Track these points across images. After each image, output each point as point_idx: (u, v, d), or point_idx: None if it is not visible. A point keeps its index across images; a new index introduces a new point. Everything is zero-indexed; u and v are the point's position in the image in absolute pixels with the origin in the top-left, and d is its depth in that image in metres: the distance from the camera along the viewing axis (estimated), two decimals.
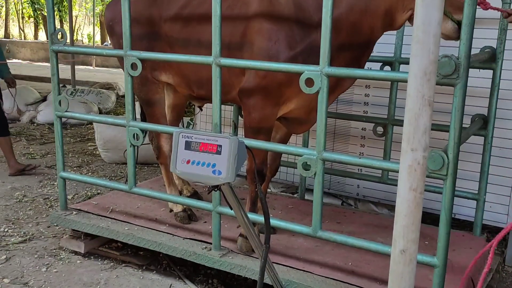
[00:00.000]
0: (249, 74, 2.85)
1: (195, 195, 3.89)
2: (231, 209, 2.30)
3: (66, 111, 3.41)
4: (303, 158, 2.60)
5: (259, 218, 2.78)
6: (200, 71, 3.10)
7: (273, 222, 2.80)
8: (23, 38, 32.50)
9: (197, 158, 2.09)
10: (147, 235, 3.26)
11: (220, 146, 2.05)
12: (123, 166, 5.83)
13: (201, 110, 3.95)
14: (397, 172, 2.55)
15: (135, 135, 3.13)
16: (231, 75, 2.96)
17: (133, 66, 3.02)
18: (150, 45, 3.28)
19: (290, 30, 2.73)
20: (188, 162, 2.11)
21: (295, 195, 4.37)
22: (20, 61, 22.26)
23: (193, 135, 2.12)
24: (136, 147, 3.22)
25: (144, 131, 3.14)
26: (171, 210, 3.60)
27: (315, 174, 2.60)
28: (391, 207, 4.16)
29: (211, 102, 2.84)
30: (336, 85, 2.75)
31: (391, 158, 3.69)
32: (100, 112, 8.54)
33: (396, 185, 3.60)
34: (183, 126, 5.86)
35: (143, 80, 3.40)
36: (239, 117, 4.18)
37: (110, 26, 3.51)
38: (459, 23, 2.33)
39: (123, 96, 11.42)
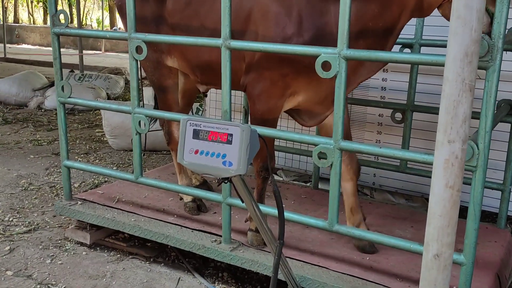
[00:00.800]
0: (250, 64, 2.66)
1: (204, 184, 3.75)
2: (242, 202, 2.15)
3: (70, 97, 3.26)
4: (319, 147, 2.43)
5: (272, 210, 2.62)
6: (201, 55, 2.93)
7: (286, 214, 2.64)
8: (32, 23, 32.45)
9: (206, 148, 1.93)
10: (154, 227, 3.12)
11: (231, 135, 1.89)
12: (131, 153, 5.68)
13: (205, 96, 3.78)
14: (429, 164, 2.39)
15: (141, 122, 2.98)
16: (234, 60, 2.76)
17: (138, 50, 2.86)
18: (157, 28, 3.11)
19: (300, 14, 2.50)
20: (196, 152, 1.96)
21: (308, 184, 4.21)
22: (29, 46, 22.18)
23: (202, 122, 1.96)
24: (142, 134, 3.07)
25: (150, 118, 2.98)
26: (181, 198, 3.46)
27: (331, 164, 2.43)
28: (409, 197, 3.99)
29: (215, 88, 2.68)
30: (355, 73, 2.55)
31: (410, 146, 3.51)
32: (109, 98, 8.40)
33: (415, 174, 3.45)
34: (192, 113, 5.71)
35: (156, 64, 3.23)
36: None
37: (119, 7, 3.34)
38: (492, 16, 2.08)
39: None
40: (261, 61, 2.60)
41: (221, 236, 2.94)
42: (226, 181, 1.98)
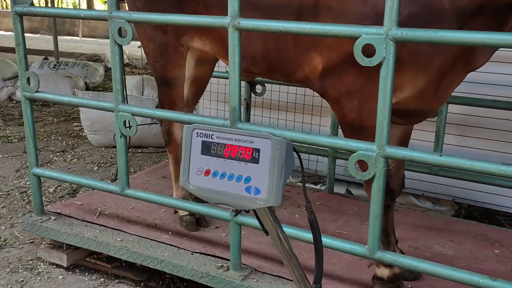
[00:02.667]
0: (329, 53, 2.04)
1: None
2: (267, 234, 1.60)
3: (38, 91, 2.67)
4: (358, 154, 1.90)
5: (305, 234, 2.10)
6: (253, 43, 2.30)
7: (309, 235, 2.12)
8: (5, 7, 31.14)
9: (221, 167, 1.38)
10: (145, 249, 2.57)
11: (257, 150, 1.33)
12: (114, 150, 5.09)
13: (252, 85, 3.14)
14: (508, 177, 1.88)
15: (127, 122, 2.41)
16: (297, 51, 2.18)
17: (121, 32, 2.28)
18: (180, 6, 2.50)
19: None
20: (207, 173, 1.40)
21: (320, 187, 3.68)
22: (2, 32, 21.21)
23: (214, 132, 1.40)
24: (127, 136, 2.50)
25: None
26: (176, 211, 2.91)
27: (374, 176, 1.90)
28: (436, 200, 3.49)
29: (265, 77, 2.09)
30: (466, 61, 1.99)
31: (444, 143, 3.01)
32: (87, 88, 7.74)
33: (445, 176, 2.92)
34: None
35: (163, 48, 2.62)
36: (252, 94, 3.46)
37: None
38: None
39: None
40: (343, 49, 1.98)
41: (228, 260, 2.41)
42: (247, 211, 1.45)
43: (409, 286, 2.31)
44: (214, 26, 2.11)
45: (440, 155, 1.80)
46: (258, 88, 3.44)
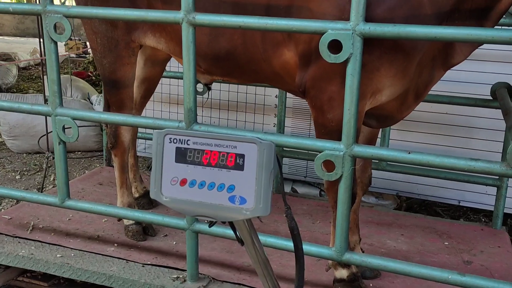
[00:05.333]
0: (308, 52, 1.92)
1: (145, 196, 3.01)
2: (242, 244, 1.49)
3: None
4: (325, 154, 1.84)
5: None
6: (217, 39, 2.15)
7: (272, 240, 2.04)
8: None
9: (199, 176, 1.25)
10: (90, 264, 2.36)
11: (242, 156, 1.22)
12: (38, 156, 4.73)
13: (210, 89, 2.94)
14: (475, 173, 1.88)
15: (66, 127, 2.19)
16: (266, 45, 2.04)
17: (57, 27, 2.06)
18: (132, 2, 2.29)
19: None
20: (183, 183, 1.27)
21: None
22: None
23: (190, 137, 1.27)
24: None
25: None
26: (120, 219, 2.71)
27: (341, 176, 1.85)
28: (379, 195, 3.54)
29: (226, 80, 1.96)
30: (444, 58, 1.94)
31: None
32: (0, 90, 7.16)
33: (397, 172, 2.96)
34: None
35: (112, 43, 2.39)
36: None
37: None
38: None
39: (25, 69, 9.93)
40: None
41: (183, 270, 2.27)
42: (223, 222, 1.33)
43: (371, 284, 2.29)
44: (167, 22, 1.96)
45: (409, 153, 1.78)
46: (199, 87, 3.29)
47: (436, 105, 3.08)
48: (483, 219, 3.49)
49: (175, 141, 1.28)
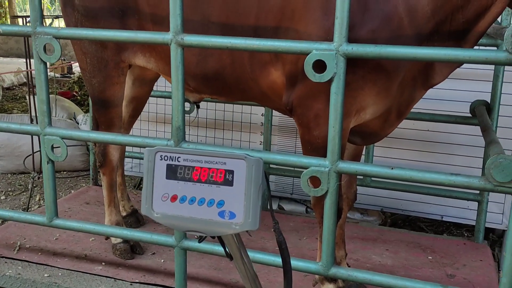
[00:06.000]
0: (295, 72, 1.98)
1: (133, 214, 3.02)
2: (231, 259, 1.52)
3: None
4: (311, 170, 1.88)
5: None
6: (206, 59, 2.20)
7: (260, 256, 2.07)
8: None
9: (189, 192, 1.29)
10: (78, 283, 2.36)
11: (231, 172, 1.26)
12: (23, 176, 4.71)
13: (198, 107, 2.98)
14: (454, 187, 1.92)
15: (54, 146, 2.21)
16: (253, 65, 2.10)
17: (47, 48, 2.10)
18: (123, 23, 2.33)
19: None
20: (174, 199, 1.30)
21: None
22: None
23: (181, 155, 1.31)
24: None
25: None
26: (108, 238, 2.71)
27: (326, 192, 1.90)
28: (364, 211, 3.59)
29: (215, 99, 2.00)
30: (425, 78, 2.00)
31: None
32: None
33: (381, 188, 3.02)
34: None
35: (102, 63, 2.43)
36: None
37: None
38: None
39: (9, 89, 9.89)
40: None
41: None
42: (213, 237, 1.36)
43: None
44: (156, 43, 2.02)
45: (392, 168, 1.83)
46: (187, 106, 3.33)
47: (418, 122, 3.16)
48: (465, 234, 3.56)
49: (166, 158, 1.32)
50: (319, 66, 1.79)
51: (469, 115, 2.81)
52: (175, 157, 1.31)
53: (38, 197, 4.21)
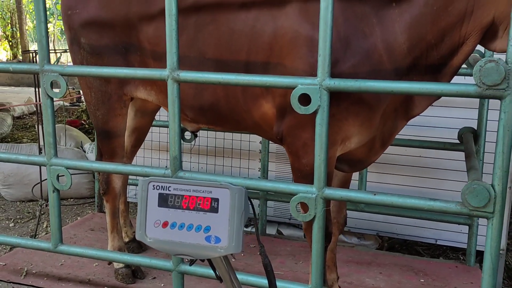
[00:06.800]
0: (284, 105, 2.11)
1: (135, 240, 3.14)
2: (221, 281, 1.63)
3: None
4: (299, 197, 2.00)
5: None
6: (202, 93, 2.34)
7: (249, 278, 2.17)
8: None
9: (179, 219, 1.41)
10: None
11: (216, 200, 1.39)
12: (31, 204, 4.85)
13: (196, 136, 3.12)
14: (436, 212, 2.01)
15: (60, 176, 2.35)
16: (246, 98, 2.24)
17: (54, 84, 2.26)
18: (126, 59, 2.49)
19: (341, 36, 1.97)
20: (165, 225, 1.43)
21: (252, 230, 3.74)
22: None
23: (171, 184, 1.44)
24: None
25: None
26: (110, 263, 2.82)
27: (314, 217, 2.01)
28: (361, 235, 3.68)
29: (211, 128, 2.13)
30: (405, 109, 2.14)
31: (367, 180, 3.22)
32: None
33: (375, 212, 3.12)
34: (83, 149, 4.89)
35: (105, 97, 2.58)
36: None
37: (68, 16, 2.57)
38: None
39: (19, 118, 10.13)
40: None
41: None
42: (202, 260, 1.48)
43: None
44: (154, 79, 2.16)
45: (375, 194, 1.95)
46: (187, 135, 3.48)
47: (410, 148, 3.27)
48: (461, 257, 3.62)
49: (158, 187, 1.45)
50: (305, 99, 1.92)
51: (458, 141, 2.92)
52: (166, 186, 1.44)
53: (46, 224, 4.34)
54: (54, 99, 2.30)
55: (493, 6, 1.81)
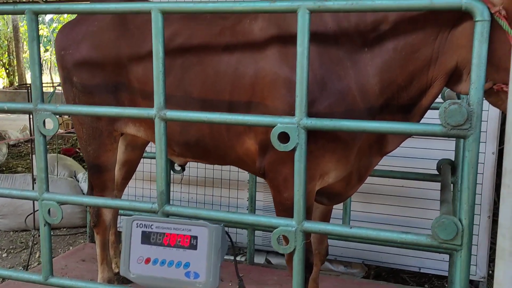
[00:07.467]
0: (266, 142, 2.21)
1: None
2: None
3: None
4: (279, 230, 2.09)
5: None
6: (188, 129, 2.46)
7: None
8: None
9: (161, 255, 1.51)
10: None
11: (195, 237, 1.49)
12: (24, 234, 4.91)
13: (184, 169, 3.22)
14: (408, 244, 2.09)
15: (51, 210, 2.43)
16: (230, 135, 2.36)
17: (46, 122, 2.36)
18: (116, 98, 2.60)
19: (317, 79, 2.10)
20: (147, 261, 1.53)
21: (241, 259, 3.82)
22: None
23: (153, 223, 1.54)
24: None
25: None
26: None
27: (294, 249, 2.09)
28: (348, 264, 3.75)
29: (198, 162, 2.23)
30: (379, 146, 2.26)
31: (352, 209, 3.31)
32: None
33: (356, 241, 3.22)
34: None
35: (96, 133, 2.70)
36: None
37: (61, 56, 2.70)
38: None
39: (15, 146, 10.23)
40: None
41: None
42: None
43: None
44: (141, 117, 2.26)
45: (351, 227, 2.04)
46: (177, 166, 3.58)
47: (392, 179, 3.38)
48: (445, 285, 3.70)
49: (141, 225, 1.55)
50: (284, 137, 2.03)
51: (437, 172, 3.03)
52: (149, 224, 1.54)
53: (38, 254, 4.39)
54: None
55: (455, 53, 1.95)
